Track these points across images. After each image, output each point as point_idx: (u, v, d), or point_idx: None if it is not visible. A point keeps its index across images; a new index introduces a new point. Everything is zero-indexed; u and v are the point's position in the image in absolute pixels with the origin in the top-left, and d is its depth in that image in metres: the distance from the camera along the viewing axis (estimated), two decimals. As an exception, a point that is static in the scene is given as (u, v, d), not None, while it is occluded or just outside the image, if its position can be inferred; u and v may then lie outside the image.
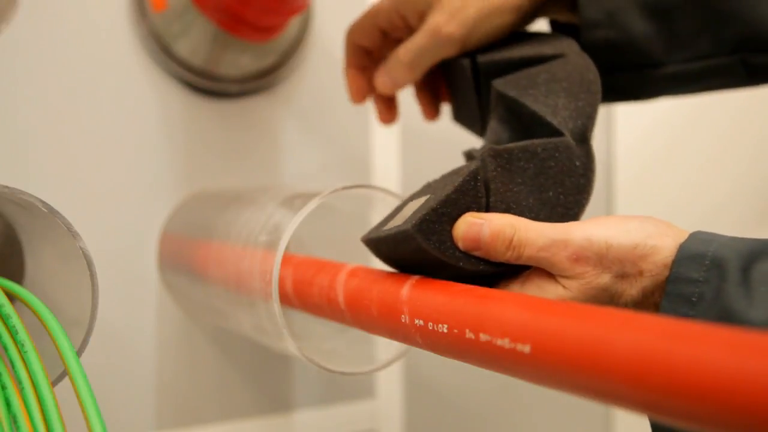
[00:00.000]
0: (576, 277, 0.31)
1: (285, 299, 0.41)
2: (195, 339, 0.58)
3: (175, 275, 0.53)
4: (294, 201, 0.40)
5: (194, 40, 0.56)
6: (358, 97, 0.52)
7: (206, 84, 0.57)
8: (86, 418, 0.27)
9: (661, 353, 0.20)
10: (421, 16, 0.44)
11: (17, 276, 0.45)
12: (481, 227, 0.32)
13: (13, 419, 0.28)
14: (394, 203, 0.41)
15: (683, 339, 0.20)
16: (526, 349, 0.24)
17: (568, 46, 0.41)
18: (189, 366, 0.58)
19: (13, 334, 0.31)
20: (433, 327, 0.29)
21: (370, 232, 0.37)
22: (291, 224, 0.36)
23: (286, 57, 0.60)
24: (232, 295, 0.43)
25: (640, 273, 0.30)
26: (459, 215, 0.33)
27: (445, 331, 0.28)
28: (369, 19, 0.48)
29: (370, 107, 0.65)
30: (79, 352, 0.32)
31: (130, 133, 0.56)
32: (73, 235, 0.32)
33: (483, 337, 0.26)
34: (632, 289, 0.31)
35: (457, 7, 0.42)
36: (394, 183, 0.66)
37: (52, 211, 0.31)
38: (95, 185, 0.54)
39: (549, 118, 0.37)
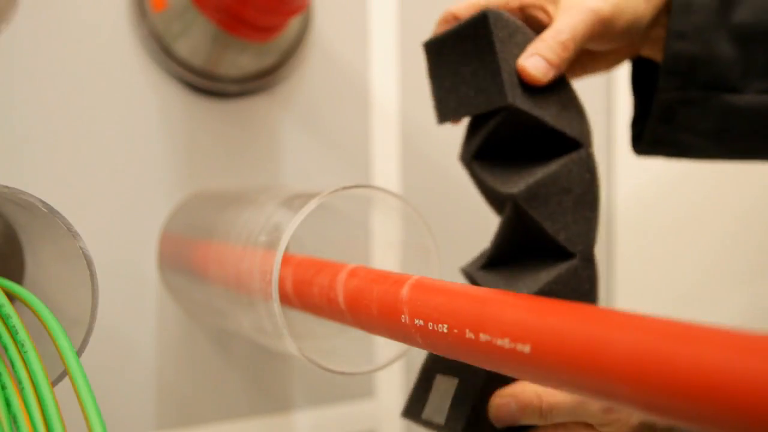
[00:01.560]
0: (611, 423, 0.33)
1: (285, 299, 0.41)
2: (195, 339, 0.58)
3: (175, 275, 0.53)
4: (294, 201, 0.40)
5: (194, 40, 0.56)
6: None
7: (206, 84, 0.57)
8: (86, 418, 0.27)
9: (661, 353, 0.20)
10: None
11: (17, 276, 0.45)
12: (509, 405, 0.34)
13: (13, 419, 0.28)
14: (394, 203, 0.41)
15: (684, 339, 0.20)
16: (526, 349, 0.24)
17: (583, 134, 0.41)
18: (189, 366, 0.58)
19: (13, 334, 0.31)
20: (433, 327, 0.29)
21: (409, 411, 0.39)
22: (291, 224, 0.36)
23: (286, 57, 0.60)
24: (232, 295, 0.43)
25: None
26: (490, 397, 0.36)
27: (445, 331, 0.28)
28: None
29: (370, 107, 0.65)
30: (79, 352, 0.32)
31: (130, 133, 0.56)
32: (73, 235, 0.32)
33: (483, 337, 0.26)
34: None
35: None
36: (394, 183, 0.66)
37: (52, 211, 0.31)
38: (95, 185, 0.54)
39: (561, 241, 0.38)
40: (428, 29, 0.68)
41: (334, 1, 0.63)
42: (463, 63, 0.41)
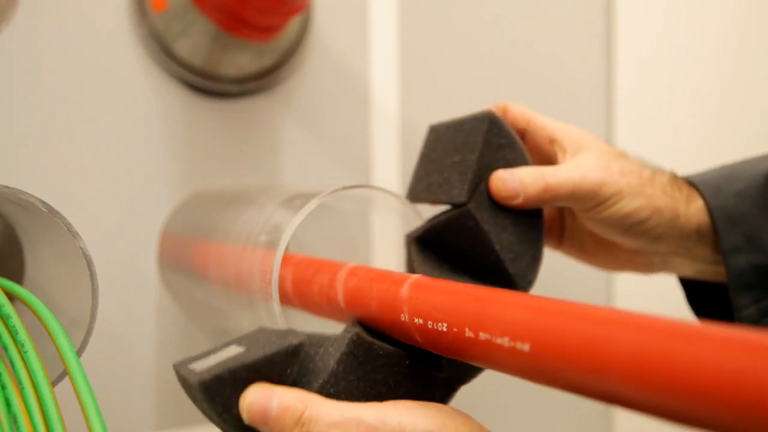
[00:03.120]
0: None
1: (285, 299, 0.41)
2: (195, 339, 0.58)
3: (175, 275, 0.53)
4: (294, 201, 0.40)
5: (194, 40, 0.56)
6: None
7: (206, 84, 0.57)
8: (86, 418, 0.27)
9: (661, 352, 0.20)
10: (575, 152, 0.41)
11: (17, 276, 0.45)
12: (271, 399, 0.29)
13: (13, 419, 0.28)
14: (394, 203, 0.41)
15: (683, 338, 0.20)
16: (526, 347, 0.24)
17: (524, 277, 0.39)
18: (189, 366, 0.58)
19: (13, 334, 0.31)
20: (433, 326, 0.29)
21: (180, 367, 0.34)
22: (291, 224, 0.36)
23: (286, 57, 0.60)
24: (232, 295, 0.43)
25: None
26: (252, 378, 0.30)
27: (445, 329, 0.28)
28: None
29: (370, 107, 0.65)
30: (79, 352, 0.32)
31: (130, 133, 0.56)
32: (73, 235, 0.32)
33: (482, 335, 0.26)
34: None
35: (615, 170, 0.39)
36: (394, 183, 0.66)
37: (52, 211, 0.31)
38: (95, 185, 0.54)
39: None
40: (428, 29, 0.68)
41: (334, 1, 0.63)
42: (450, 153, 0.40)
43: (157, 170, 0.56)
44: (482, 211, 0.37)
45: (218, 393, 0.30)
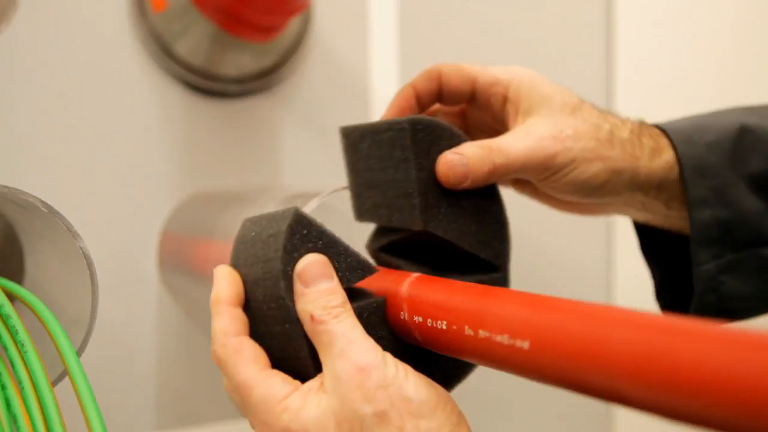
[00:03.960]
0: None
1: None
2: (195, 339, 0.58)
3: (175, 275, 0.53)
4: (294, 201, 0.40)
5: (194, 40, 0.56)
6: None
7: (206, 84, 0.57)
8: (86, 418, 0.27)
9: (660, 350, 0.20)
10: (527, 113, 0.38)
11: (17, 276, 0.45)
12: (330, 277, 0.30)
13: (13, 419, 0.28)
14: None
15: (682, 336, 0.20)
16: (525, 345, 0.24)
17: (501, 255, 0.38)
18: (189, 366, 0.58)
19: (13, 334, 0.31)
20: (432, 324, 0.29)
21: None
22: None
23: (286, 57, 0.60)
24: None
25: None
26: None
27: (444, 327, 0.28)
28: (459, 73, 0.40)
29: (370, 107, 0.65)
30: (79, 352, 0.32)
31: (130, 133, 0.56)
32: (73, 235, 0.32)
33: (482, 333, 0.26)
34: None
35: (569, 134, 0.36)
36: (394, 183, 0.66)
37: (52, 211, 0.31)
38: (95, 185, 0.54)
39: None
40: (428, 29, 0.68)
41: (334, 1, 0.63)
42: (380, 168, 0.36)
43: (157, 170, 0.56)
44: (440, 222, 0.35)
45: (298, 231, 0.31)
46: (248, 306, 0.32)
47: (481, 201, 0.36)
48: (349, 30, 0.64)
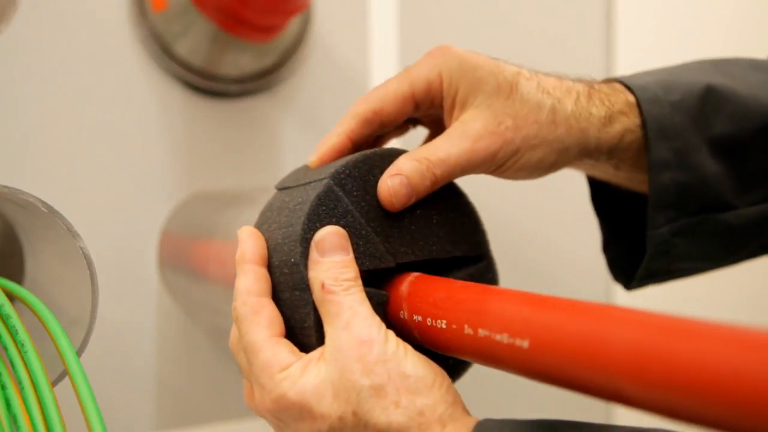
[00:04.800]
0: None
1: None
2: (195, 339, 0.58)
3: (175, 275, 0.53)
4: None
5: (194, 40, 0.56)
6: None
7: (206, 84, 0.57)
8: (86, 418, 0.27)
9: (659, 349, 0.20)
10: (463, 105, 0.35)
11: (17, 276, 0.45)
12: (347, 250, 0.31)
13: (13, 419, 0.28)
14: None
15: (682, 335, 0.20)
16: (525, 344, 0.24)
17: (479, 244, 0.37)
18: (189, 366, 0.58)
19: (13, 334, 0.31)
20: (432, 323, 0.29)
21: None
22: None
23: (286, 57, 0.60)
24: (232, 295, 0.43)
25: None
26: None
27: (444, 327, 0.28)
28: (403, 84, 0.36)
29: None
30: (79, 352, 0.32)
31: (130, 133, 0.56)
32: (73, 235, 0.32)
33: (482, 332, 0.26)
34: None
35: (508, 125, 0.34)
36: (394, 183, 0.66)
37: (52, 211, 0.31)
38: (95, 185, 0.54)
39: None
40: (428, 29, 0.68)
41: (334, 1, 0.63)
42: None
43: (157, 170, 0.56)
44: (407, 248, 0.34)
45: (325, 203, 0.31)
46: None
47: (438, 203, 0.35)
48: (349, 30, 0.64)
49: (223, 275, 0.44)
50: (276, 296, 0.32)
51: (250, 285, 0.32)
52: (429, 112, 0.37)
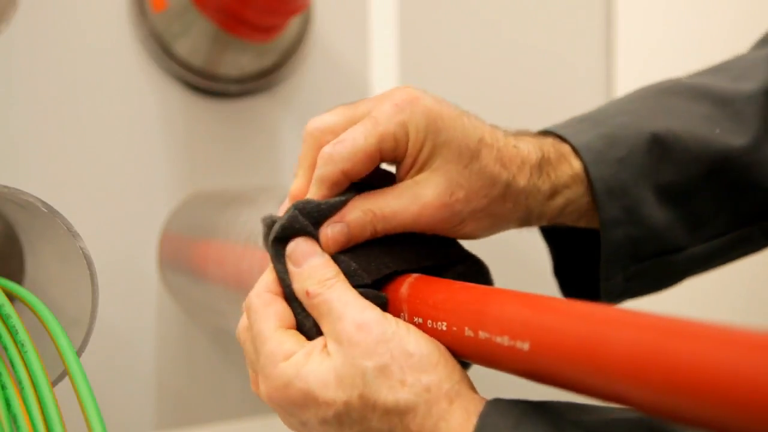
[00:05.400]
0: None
1: (285, 299, 0.41)
2: (195, 339, 0.58)
3: (175, 275, 0.53)
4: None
5: (194, 40, 0.56)
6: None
7: (206, 84, 0.57)
8: (86, 418, 0.27)
9: (659, 351, 0.20)
10: (422, 165, 0.34)
11: (17, 276, 0.45)
12: (314, 255, 0.32)
13: (13, 419, 0.28)
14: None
15: (681, 336, 0.20)
16: (525, 346, 0.24)
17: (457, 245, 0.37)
18: (189, 366, 0.58)
19: (13, 334, 0.31)
20: (432, 325, 0.29)
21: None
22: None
23: (286, 57, 0.60)
24: (232, 295, 0.43)
25: None
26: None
27: (444, 329, 0.28)
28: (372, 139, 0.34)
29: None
30: (79, 352, 0.32)
31: (130, 133, 0.56)
32: (73, 235, 0.32)
33: (482, 334, 0.26)
34: None
35: (459, 197, 0.33)
36: (394, 183, 0.66)
37: (52, 211, 0.31)
38: (95, 185, 0.54)
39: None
40: (428, 29, 0.68)
41: (334, 1, 0.63)
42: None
43: (157, 170, 0.56)
44: (377, 264, 0.33)
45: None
46: None
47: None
48: (349, 30, 0.64)
49: (223, 275, 0.44)
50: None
51: (270, 283, 0.33)
52: (387, 162, 0.36)
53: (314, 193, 0.34)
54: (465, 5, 0.69)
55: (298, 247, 0.32)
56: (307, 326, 0.32)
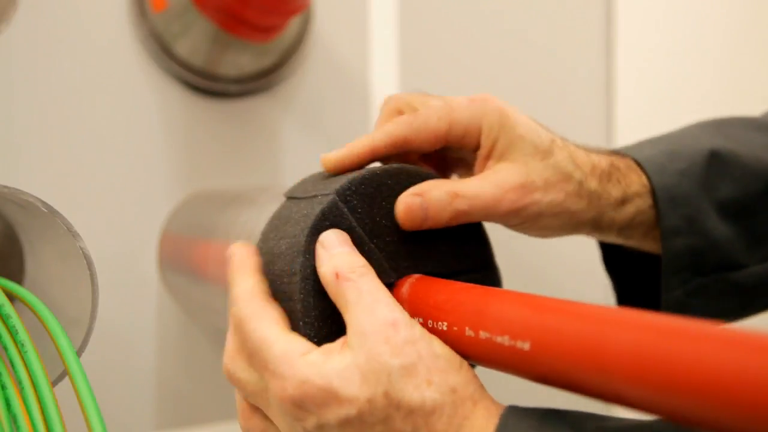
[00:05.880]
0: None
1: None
2: (195, 339, 0.58)
3: (175, 275, 0.53)
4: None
5: (194, 40, 0.56)
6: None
7: (206, 84, 0.57)
8: (86, 418, 0.27)
9: (659, 351, 0.20)
10: (499, 157, 0.35)
11: (17, 276, 0.45)
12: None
13: (13, 419, 0.28)
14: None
15: (682, 337, 0.20)
16: (526, 346, 0.24)
17: (485, 256, 0.37)
18: (189, 366, 0.58)
19: (13, 334, 0.31)
20: (433, 325, 0.29)
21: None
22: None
23: (286, 57, 0.60)
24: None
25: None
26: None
27: (445, 328, 0.28)
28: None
29: (370, 107, 0.65)
30: (79, 352, 0.32)
31: (130, 133, 0.56)
32: (73, 235, 0.32)
33: (483, 334, 0.26)
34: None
35: (539, 186, 0.35)
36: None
37: (52, 211, 0.31)
38: (95, 185, 0.54)
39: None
40: (428, 29, 0.68)
41: (334, 1, 0.63)
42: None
43: (157, 170, 0.56)
44: (408, 264, 0.34)
45: (329, 217, 0.32)
46: (265, 278, 0.33)
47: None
48: (349, 30, 0.64)
49: (223, 275, 0.44)
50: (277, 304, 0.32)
51: (253, 287, 0.31)
52: (454, 153, 0.38)
53: (375, 137, 0.35)
54: (465, 5, 0.69)
55: (332, 235, 0.31)
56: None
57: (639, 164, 0.39)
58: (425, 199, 0.33)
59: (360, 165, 0.35)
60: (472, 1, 0.69)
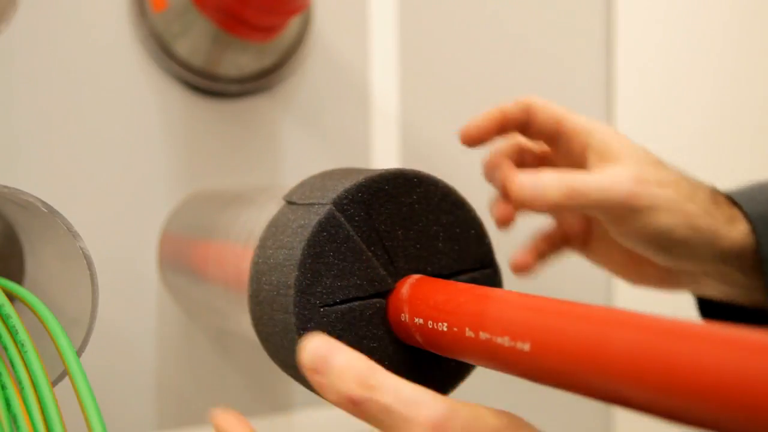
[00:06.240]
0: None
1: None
2: (195, 339, 0.58)
3: (175, 275, 0.53)
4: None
5: (194, 40, 0.56)
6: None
7: (206, 84, 0.57)
8: (86, 418, 0.27)
9: (661, 352, 0.20)
10: (610, 158, 0.36)
11: (17, 276, 0.45)
12: (335, 351, 0.26)
13: (13, 419, 0.28)
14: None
15: (682, 338, 0.20)
16: (526, 347, 0.24)
17: (482, 254, 0.36)
18: (189, 366, 0.58)
19: (13, 334, 0.31)
20: (433, 325, 0.29)
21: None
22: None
23: (286, 57, 0.60)
24: (232, 295, 0.43)
25: None
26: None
27: (445, 329, 0.28)
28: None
29: (370, 107, 0.65)
30: (79, 352, 0.32)
31: (130, 133, 0.56)
32: (73, 235, 0.32)
33: (483, 335, 0.26)
34: None
35: (653, 181, 0.35)
36: (394, 183, 0.66)
37: (52, 211, 0.31)
38: (95, 185, 0.54)
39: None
40: (428, 29, 0.68)
41: (334, 1, 0.63)
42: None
43: (157, 170, 0.56)
44: (409, 267, 0.33)
45: (326, 228, 0.31)
46: (261, 289, 0.33)
47: (443, 219, 0.34)
48: (349, 30, 0.64)
49: (223, 275, 0.44)
50: (271, 315, 0.32)
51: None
52: (561, 150, 0.39)
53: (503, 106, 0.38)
54: (465, 5, 0.69)
55: (316, 350, 0.26)
56: None
57: (731, 199, 0.39)
58: (540, 178, 0.34)
59: (491, 130, 0.38)
60: (472, 1, 0.69)
